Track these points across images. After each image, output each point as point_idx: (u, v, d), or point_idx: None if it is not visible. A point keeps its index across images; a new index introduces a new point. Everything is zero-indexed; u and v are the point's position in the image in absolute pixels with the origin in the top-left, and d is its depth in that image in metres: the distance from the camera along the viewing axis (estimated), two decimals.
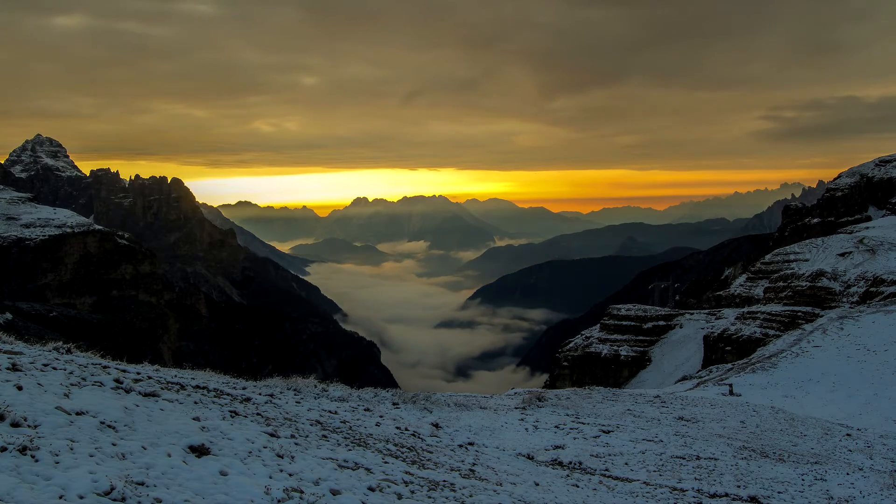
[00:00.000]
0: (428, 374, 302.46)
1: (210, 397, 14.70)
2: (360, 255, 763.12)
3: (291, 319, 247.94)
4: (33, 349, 15.25)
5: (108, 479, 7.22)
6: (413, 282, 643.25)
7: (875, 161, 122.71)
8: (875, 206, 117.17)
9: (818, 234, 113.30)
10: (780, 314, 78.54)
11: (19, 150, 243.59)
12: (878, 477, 21.65)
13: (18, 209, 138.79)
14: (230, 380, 20.08)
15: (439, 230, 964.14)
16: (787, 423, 31.64)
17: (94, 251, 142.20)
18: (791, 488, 19.18)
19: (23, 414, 8.69)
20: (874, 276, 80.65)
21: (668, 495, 16.39)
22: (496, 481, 14.36)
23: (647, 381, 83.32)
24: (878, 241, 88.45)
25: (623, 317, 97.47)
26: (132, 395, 12.05)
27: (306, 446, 12.22)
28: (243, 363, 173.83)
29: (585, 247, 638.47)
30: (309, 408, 17.80)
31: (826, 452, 26.04)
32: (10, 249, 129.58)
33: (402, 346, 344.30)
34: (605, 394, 37.60)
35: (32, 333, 60.08)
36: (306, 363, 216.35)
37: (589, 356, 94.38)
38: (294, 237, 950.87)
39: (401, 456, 14.45)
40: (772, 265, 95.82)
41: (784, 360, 59.87)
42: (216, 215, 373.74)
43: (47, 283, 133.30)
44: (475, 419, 24.76)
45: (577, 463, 19.47)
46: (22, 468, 7.09)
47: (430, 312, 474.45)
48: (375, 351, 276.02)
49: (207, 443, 9.85)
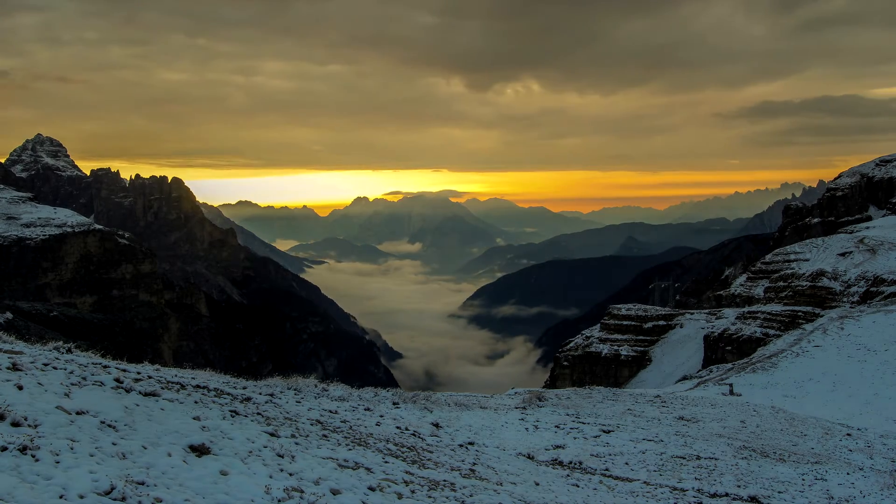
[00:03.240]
0: (428, 374, 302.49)
1: (210, 397, 14.70)
2: (361, 255, 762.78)
3: (291, 319, 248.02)
4: (34, 348, 15.25)
5: (108, 479, 7.22)
6: (413, 281, 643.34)
7: (875, 161, 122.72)
8: (875, 206, 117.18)
9: (818, 233, 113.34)
10: (781, 314, 78.52)
11: (19, 150, 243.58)
12: (878, 477, 21.65)
13: (19, 209, 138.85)
14: (230, 379, 20.08)
15: (439, 230, 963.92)
16: (788, 423, 31.64)
17: (94, 251, 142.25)
18: (791, 488, 19.17)
19: (23, 413, 8.69)
20: (874, 276, 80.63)
21: (668, 495, 16.39)
22: (496, 481, 14.36)
23: (648, 381, 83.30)
24: (879, 241, 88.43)
25: (623, 316, 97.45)
26: (132, 394, 12.05)
27: (307, 446, 12.22)
28: (243, 363, 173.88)
29: (585, 247, 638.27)
30: (309, 407, 17.80)
31: (826, 452, 26.04)
32: (10, 249, 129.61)
33: (402, 346, 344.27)
34: (605, 393, 37.59)
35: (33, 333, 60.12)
36: (306, 363, 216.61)
37: (589, 356, 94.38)
38: (294, 237, 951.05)
39: (401, 455, 14.45)
40: (772, 265, 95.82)
41: (784, 359, 59.85)
42: (216, 215, 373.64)
43: (48, 283, 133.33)
44: (475, 419, 24.76)
45: (578, 462, 19.47)
46: (22, 468, 7.09)
47: (430, 312, 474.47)
48: (375, 350, 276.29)
49: (208, 442, 9.85)
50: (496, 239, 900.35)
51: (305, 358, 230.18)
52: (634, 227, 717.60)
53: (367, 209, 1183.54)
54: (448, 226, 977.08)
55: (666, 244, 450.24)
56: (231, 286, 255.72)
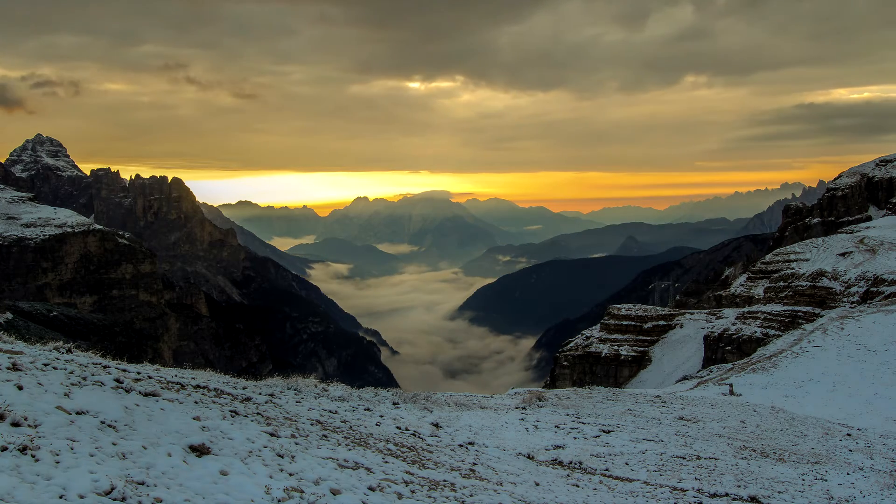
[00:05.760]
0: (428, 374, 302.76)
1: (210, 397, 14.70)
2: (361, 255, 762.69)
3: (291, 319, 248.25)
4: (33, 349, 15.25)
5: (108, 479, 7.22)
6: (413, 281, 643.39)
7: (875, 161, 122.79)
8: (875, 206, 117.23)
9: (818, 233, 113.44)
10: (781, 314, 78.53)
11: (20, 150, 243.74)
12: (878, 477, 21.65)
13: (19, 209, 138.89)
14: (230, 379, 20.07)
15: (439, 230, 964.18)
16: (788, 423, 31.64)
17: (94, 251, 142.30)
18: (791, 488, 19.17)
19: (23, 413, 8.69)
20: (874, 276, 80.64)
21: (668, 495, 16.38)
22: (496, 481, 14.36)
23: (648, 381, 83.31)
24: (879, 241, 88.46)
25: (623, 316, 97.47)
26: (132, 394, 12.05)
27: (306, 446, 12.22)
28: (243, 363, 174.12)
29: (585, 247, 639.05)
30: (309, 407, 17.80)
31: (826, 452, 26.04)
32: (10, 249, 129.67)
33: (402, 346, 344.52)
34: (605, 394, 37.59)
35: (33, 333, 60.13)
36: (306, 363, 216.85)
37: (589, 356, 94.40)
38: (294, 237, 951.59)
39: (401, 455, 14.45)
40: (772, 265, 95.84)
41: (784, 359, 59.85)
42: (216, 215, 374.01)
43: (48, 283, 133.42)
44: (475, 419, 24.76)
45: (578, 463, 19.46)
46: (22, 468, 7.08)
47: (430, 312, 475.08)
48: (375, 350, 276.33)
49: (208, 442, 9.85)
50: (496, 239, 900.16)
51: (305, 358, 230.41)
52: (634, 227, 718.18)
53: (367, 209, 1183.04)
54: (448, 226, 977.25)
55: (666, 244, 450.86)
56: (231, 286, 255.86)
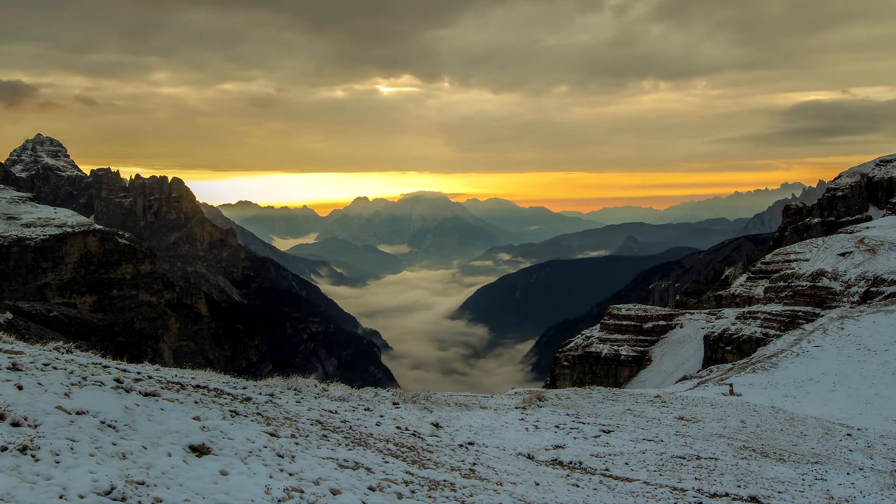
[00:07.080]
0: (428, 374, 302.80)
1: (210, 397, 14.70)
2: (361, 255, 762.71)
3: (291, 319, 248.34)
4: (33, 349, 15.25)
5: (108, 479, 7.22)
6: (413, 281, 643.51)
7: (875, 161, 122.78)
8: (875, 206, 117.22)
9: (818, 233, 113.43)
10: (781, 314, 78.52)
11: (20, 150, 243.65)
12: (878, 477, 21.65)
13: (19, 209, 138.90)
14: (230, 379, 20.07)
15: (439, 230, 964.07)
16: (788, 423, 31.64)
17: (94, 251, 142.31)
18: (791, 488, 19.17)
19: (23, 413, 8.69)
20: (874, 276, 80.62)
21: (668, 495, 16.38)
22: (496, 481, 14.36)
23: (648, 381, 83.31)
24: (879, 241, 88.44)
25: (623, 316, 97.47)
26: (132, 394, 12.05)
27: (306, 446, 12.22)
28: (243, 363, 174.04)
29: (585, 247, 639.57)
30: (309, 407, 17.80)
31: (826, 452, 26.04)
32: (10, 249, 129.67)
33: (402, 346, 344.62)
34: (605, 393, 37.59)
35: (33, 333, 60.16)
36: (306, 363, 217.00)
37: (589, 356, 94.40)
38: (294, 237, 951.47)
39: (401, 455, 14.45)
40: (772, 265, 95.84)
41: (784, 359, 59.83)
42: (216, 215, 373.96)
43: (48, 283, 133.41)
44: (475, 419, 24.76)
45: (578, 463, 19.46)
46: (22, 468, 7.09)
47: (430, 312, 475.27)
48: (375, 350, 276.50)
49: (208, 442, 9.85)
50: (496, 239, 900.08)
51: (305, 358, 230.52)
52: (634, 227, 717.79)
53: (367, 209, 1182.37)
54: (448, 226, 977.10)
55: (666, 244, 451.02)
56: (231, 286, 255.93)
